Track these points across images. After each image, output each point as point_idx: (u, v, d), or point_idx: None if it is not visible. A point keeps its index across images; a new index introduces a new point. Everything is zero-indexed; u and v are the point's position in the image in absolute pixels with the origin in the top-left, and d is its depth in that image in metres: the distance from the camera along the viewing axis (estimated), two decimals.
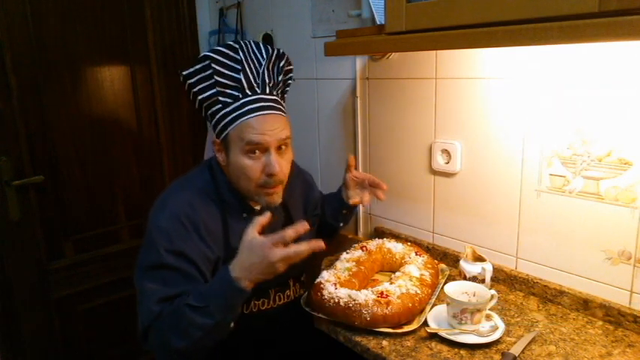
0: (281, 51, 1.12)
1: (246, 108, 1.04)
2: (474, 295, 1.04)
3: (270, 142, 1.04)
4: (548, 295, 1.14)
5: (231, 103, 1.05)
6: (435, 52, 1.28)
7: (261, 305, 1.16)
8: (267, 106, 1.06)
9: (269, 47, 1.10)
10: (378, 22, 1.30)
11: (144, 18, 1.92)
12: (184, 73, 1.07)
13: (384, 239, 1.32)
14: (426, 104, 1.34)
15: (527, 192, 1.16)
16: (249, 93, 1.05)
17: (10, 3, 1.60)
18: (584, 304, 1.08)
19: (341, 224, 1.41)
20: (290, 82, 1.17)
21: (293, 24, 1.74)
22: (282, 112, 1.09)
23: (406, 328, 1.01)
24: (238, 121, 1.04)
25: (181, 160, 2.12)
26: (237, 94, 1.05)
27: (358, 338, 1.01)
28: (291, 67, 1.15)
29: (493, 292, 1.02)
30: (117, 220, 1.96)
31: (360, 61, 1.51)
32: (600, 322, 1.04)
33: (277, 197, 1.11)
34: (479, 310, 0.99)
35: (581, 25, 0.69)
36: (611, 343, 0.97)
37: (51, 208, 1.78)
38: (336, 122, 1.66)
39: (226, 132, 1.06)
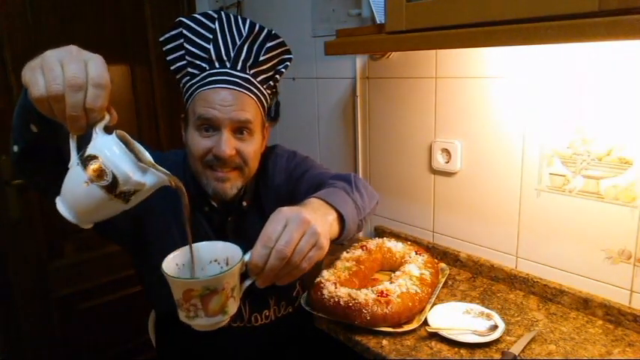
0: (273, 32, 1.02)
1: (207, 80, 0.94)
2: (227, 264, 0.68)
3: (220, 118, 0.92)
4: (548, 295, 1.14)
5: (197, 75, 0.96)
6: (435, 51, 1.28)
7: (233, 323, 1.06)
8: (231, 81, 0.95)
9: (257, 24, 1.01)
10: (378, 22, 1.30)
11: (144, 17, 1.92)
12: (161, 39, 0.98)
13: (384, 238, 1.32)
14: (426, 103, 1.34)
15: (527, 191, 1.16)
16: (218, 66, 0.96)
17: (10, 3, 1.60)
18: (584, 304, 1.07)
19: None
20: (283, 70, 1.06)
21: (293, 23, 1.74)
22: (250, 92, 0.97)
23: (406, 328, 1.01)
24: (195, 93, 0.95)
25: None
26: (204, 65, 0.96)
27: (358, 338, 1.01)
28: (287, 56, 1.06)
29: (247, 256, 0.63)
30: None
31: (360, 61, 1.51)
32: (600, 322, 1.04)
33: (229, 186, 0.95)
34: (214, 292, 0.59)
35: (581, 25, 0.69)
36: (611, 343, 0.97)
37: (51, 208, 1.77)
38: (336, 122, 1.66)
39: (187, 105, 0.98)
